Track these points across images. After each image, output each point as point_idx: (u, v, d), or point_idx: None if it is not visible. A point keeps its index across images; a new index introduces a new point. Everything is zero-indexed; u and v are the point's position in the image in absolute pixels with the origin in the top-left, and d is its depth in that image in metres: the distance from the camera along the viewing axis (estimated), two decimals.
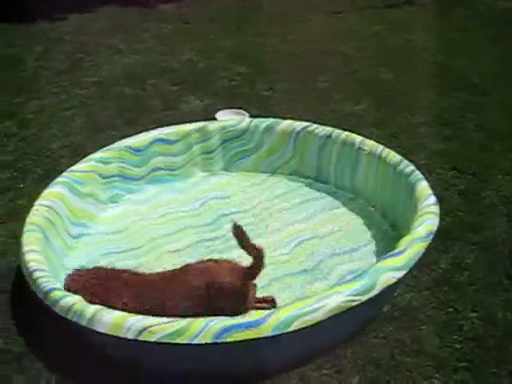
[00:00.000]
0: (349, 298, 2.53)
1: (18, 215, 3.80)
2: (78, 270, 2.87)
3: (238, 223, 2.78)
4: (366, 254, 3.43)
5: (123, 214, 3.91)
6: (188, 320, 2.43)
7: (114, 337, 2.42)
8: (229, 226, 3.61)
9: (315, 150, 4.07)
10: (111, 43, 7.04)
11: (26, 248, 2.98)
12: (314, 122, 4.21)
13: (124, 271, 2.87)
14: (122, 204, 4.00)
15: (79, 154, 4.54)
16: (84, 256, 3.45)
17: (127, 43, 7.00)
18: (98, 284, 2.74)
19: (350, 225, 3.69)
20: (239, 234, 2.72)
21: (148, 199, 4.06)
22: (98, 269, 2.88)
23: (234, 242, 3.51)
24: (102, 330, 2.44)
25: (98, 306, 2.55)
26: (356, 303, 2.54)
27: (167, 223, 3.79)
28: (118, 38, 7.14)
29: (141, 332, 2.39)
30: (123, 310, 2.59)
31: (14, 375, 2.73)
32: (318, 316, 2.47)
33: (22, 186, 4.32)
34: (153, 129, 4.34)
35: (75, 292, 2.68)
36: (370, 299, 2.59)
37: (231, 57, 6.45)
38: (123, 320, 2.45)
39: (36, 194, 3.68)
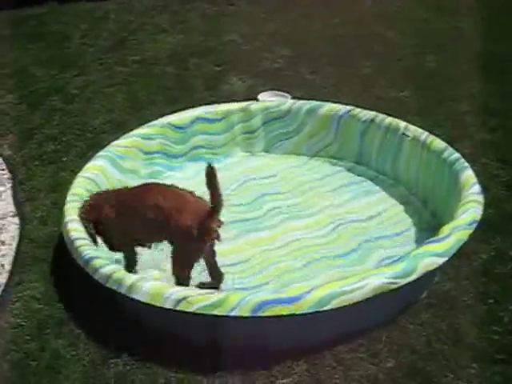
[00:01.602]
0: (388, 281, 2.51)
1: (60, 187, 3.90)
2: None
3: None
4: (406, 240, 3.40)
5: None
6: (226, 293, 2.45)
7: (152, 306, 2.44)
8: (267, 207, 3.70)
9: (357, 135, 4.03)
10: (156, 22, 7.06)
11: (68, 218, 3.03)
12: (357, 107, 4.17)
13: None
14: (161, 181, 4.00)
15: (121, 129, 4.60)
16: None
17: (171, 23, 7.01)
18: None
19: (390, 211, 3.65)
20: (211, 175, 2.76)
21: (188, 177, 4.06)
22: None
23: (270, 222, 3.58)
24: (141, 299, 2.48)
25: (137, 276, 2.59)
26: (395, 286, 2.52)
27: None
28: (162, 18, 7.15)
29: (179, 302, 2.42)
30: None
31: (54, 340, 2.79)
32: (357, 296, 2.46)
33: (64, 159, 4.40)
34: (194, 107, 4.36)
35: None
36: (409, 283, 2.56)
37: (275, 39, 6.39)
38: (162, 289, 2.48)
39: (78, 168, 3.76)
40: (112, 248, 3.08)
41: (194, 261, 2.87)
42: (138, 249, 3.14)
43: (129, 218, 2.96)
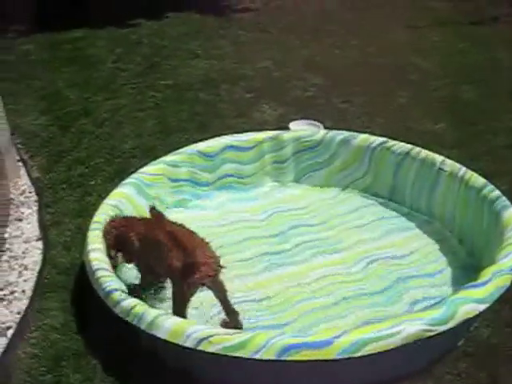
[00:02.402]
0: (425, 327, 2.36)
1: (86, 212, 3.84)
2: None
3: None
4: (441, 280, 3.24)
5: (189, 219, 3.79)
6: (250, 334, 2.32)
7: (172, 343, 2.33)
8: (296, 240, 3.57)
9: (391, 168, 3.90)
10: (189, 48, 7.06)
11: (90, 246, 2.96)
12: (391, 139, 4.05)
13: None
14: (188, 209, 3.94)
15: (149, 155, 4.56)
16: None
17: (204, 48, 7.01)
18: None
19: (425, 248, 3.50)
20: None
21: (215, 206, 3.99)
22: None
23: (298, 257, 3.45)
24: (161, 336, 2.36)
25: (158, 311, 2.48)
26: (432, 333, 2.36)
27: (233, 232, 3.71)
28: (195, 44, 7.15)
29: (200, 341, 2.30)
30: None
31: (70, 373, 2.69)
32: (391, 343, 2.31)
33: (92, 183, 4.35)
34: (225, 135, 4.30)
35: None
36: (447, 331, 2.40)
37: (307, 67, 6.32)
38: (183, 327, 2.37)
39: (105, 193, 3.72)
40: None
41: (183, 299, 2.74)
42: None
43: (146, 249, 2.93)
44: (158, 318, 2.41)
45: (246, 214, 3.89)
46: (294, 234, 3.65)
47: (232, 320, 2.86)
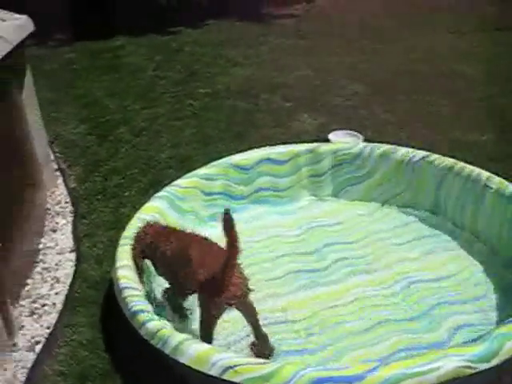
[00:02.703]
0: (465, 364, 2.19)
1: (120, 223, 3.79)
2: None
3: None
4: (484, 306, 3.04)
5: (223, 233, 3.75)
6: (278, 364, 2.20)
7: (196, 371, 2.24)
8: (332, 258, 3.44)
9: (433, 183, 3.72)
10: (228, 56, 7.03)
11: (119, 263, 2.90)
12: (432, 151, 3.88)
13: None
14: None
15: (185, 166, 4.53)
16: None
17: (244, 56, 6.96)
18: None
19: (468, 271, 3.30)
20: (228, 221, 2.60)
21: (250, 220, 3.88)
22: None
23: (333, 276, 3.31)
24: (185, 362, 2.28)
25: (184, 336, 2.39)
26: (473, 371, 2.19)
27: (267, 248, 3.60)
28: (235, 51, 7.11)
29: (225, 370, 2.20)
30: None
31: None
32: (428, 380, 2.15)
33: (126, 194, 4.32)
34: (262, 145, 4.21)
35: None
36: (490, 369, 2.22)
37: (348, 75, 6.18)
38: (209, 354, 2.27)
39: (138, 204, 3.67)
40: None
41: (209, 320, 2.63)
42: None
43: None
44: (183, 344, 2.33)
45: (282, 229, 3.78)
46: (330, 252, 3.52)
47: (261, 344, 2.75)
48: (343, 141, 4.50)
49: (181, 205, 3.59)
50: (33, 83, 4.29)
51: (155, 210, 3.42)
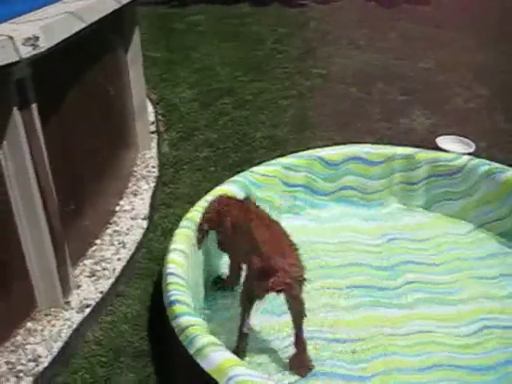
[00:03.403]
0: None
1: (198, 198, 3.64)
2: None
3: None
4: None
5: (298, 228, 3.51)
6: None
7: (213, 379, 2.08)
8: (406, 278, 3.11)
9: None
10: (352, 37, 6.67)
11: (173, 245, 2.80)
12: None
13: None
14: (299, 216, 3.64)
15: (279, 148, 4.36)
16: None
17: (368, 40, 6.57)
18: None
19: None
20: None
21: (330, 219, 3.65)
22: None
23: (402, 300, 2.99)
24: (205, 367, 2.12)
25: (212, 338, 2.23)
26: None
27: (337, 252, 3.35)
28: (360, 33, 6.73)
29: None
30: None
31: (124, 372, 2.59)
32: None
33: (212, 169, 4.22)
34: (362, 140, 3.96)
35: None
36: None
37: (476, 74, 5.60)
38: (229, 366, 2.09)
39: (222, 181, 3.54)
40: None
41: (246, 299, 2.52)
42: None
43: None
44: (208, 348, 2.17)
45: (359, 235, 3.50)
46: (406, 271, 3.19)
47: (298, 353, 2.55)
48: (450, 148, 4.08)
49: (256, 192, 3.40)
50: (140, 42, 4.27)
51: (226, 193, 3.25)
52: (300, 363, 2.57)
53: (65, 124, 3.06)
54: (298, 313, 2.52)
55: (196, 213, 3.03)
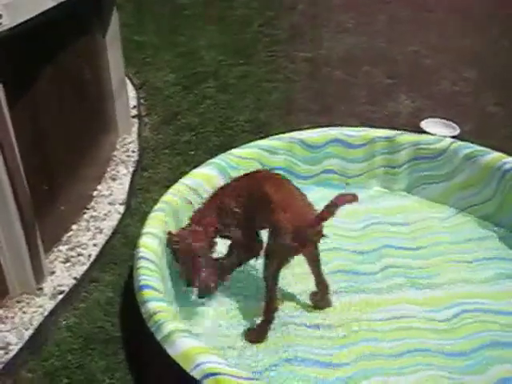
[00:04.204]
0: None
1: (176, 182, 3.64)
2: None
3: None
4: None
5: None
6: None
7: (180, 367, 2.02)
8: (385, 263, 3.06)
9: None
10: (340, 20, 6.55)
11: (146, 229, 2.74)
12: None
13: None
14: None
15: (262, 132, 4.29)
16: None
17: (357, 23, 6.45)
18: None
19: None
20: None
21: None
22: None
23: (379, 284, 2.93)
24: (172, 354, 2.07)
25: (181, 325, 2.18)
26: None
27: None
28: (349, 16, 6.60)
29: (206, 377, 1.96)
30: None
31: (95, 359, 2.55)
32: None
33: (192, 153, 4.15)
34: (347, 123, 3.90)
35: None
36: None
37: (464, 57, 5.51)
38: (196, 354, 2.04)
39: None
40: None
41: (279, 264, 2.53)
42: None
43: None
44: (175, 334, 2.11)
45: (340, 219, 3.40)
46: (386, 255, 3.13)
47: (321, 295, 2.76)
48: (435, 131, 4.02)
49: (234, 175, 3.32)
50: (118, 25, 4.17)
51: (203, 176, 3.21)
52: (319, 302, 2.76)
53: (35, 106, 2.99)
54: (315, 261, 2.70)
55: (171, 196, 2.97)
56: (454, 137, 3.88)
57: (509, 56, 5.52)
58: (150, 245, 2.63)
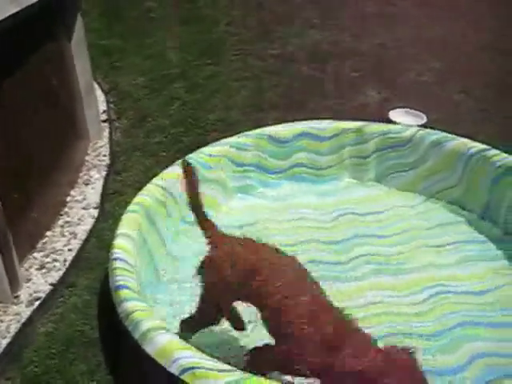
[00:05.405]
0: None
1: None
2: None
3: None
4: None
5: (251, 208, 3.52)
6: (240, 375, 1.95)
7: (159, 364, 2.05)
8: (358, 251, 3.12)
9: (488, 182, 3.27)
10: (307, 17, 6.60)
11: (120, 230, 2.75)
12: (496, 147, 3.39)
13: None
14: (252, 197, 3.62)
15: (232, 130, 4.29)
16: (192, 245, 3.06)
17: (323, 19, 6.51)
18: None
19: (509, 289, 2.86)
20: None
21: (283, 197, 3.64)
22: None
23: (353, 273, 2.98)
24: (149, 352, 2.09)
25: (157, 323, 2.20)
26: None
27: (292, 230, 3.33)
28: (316, 13, 6.66)
29: (184, 371, 1.99)
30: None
31: (75, 363, 2.55)
32: None
33: (165, 154, 4.16)
34: (316, 117, 3.92)
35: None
36: None
37: (429, 48, 5.61)
38: (173, 349, 2.06)
39: None
40: None
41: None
42: None
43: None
44: (152, 331, 2.13)
45: (312, 211, 3.49)
46: (358, 244, 3.19)
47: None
48: (402, 120, 4.10)
49: (206, 174, 3.36)
50: (84, 30, 4.16)
51: (175, 176, 3.21)
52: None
53: (3, 112, 2.98)
54: None
55: (143, 197, 2.98)
56: (421, 125, 3.96)
57: (473, 45, 5.63)
58: (125, 245, 2.65)
